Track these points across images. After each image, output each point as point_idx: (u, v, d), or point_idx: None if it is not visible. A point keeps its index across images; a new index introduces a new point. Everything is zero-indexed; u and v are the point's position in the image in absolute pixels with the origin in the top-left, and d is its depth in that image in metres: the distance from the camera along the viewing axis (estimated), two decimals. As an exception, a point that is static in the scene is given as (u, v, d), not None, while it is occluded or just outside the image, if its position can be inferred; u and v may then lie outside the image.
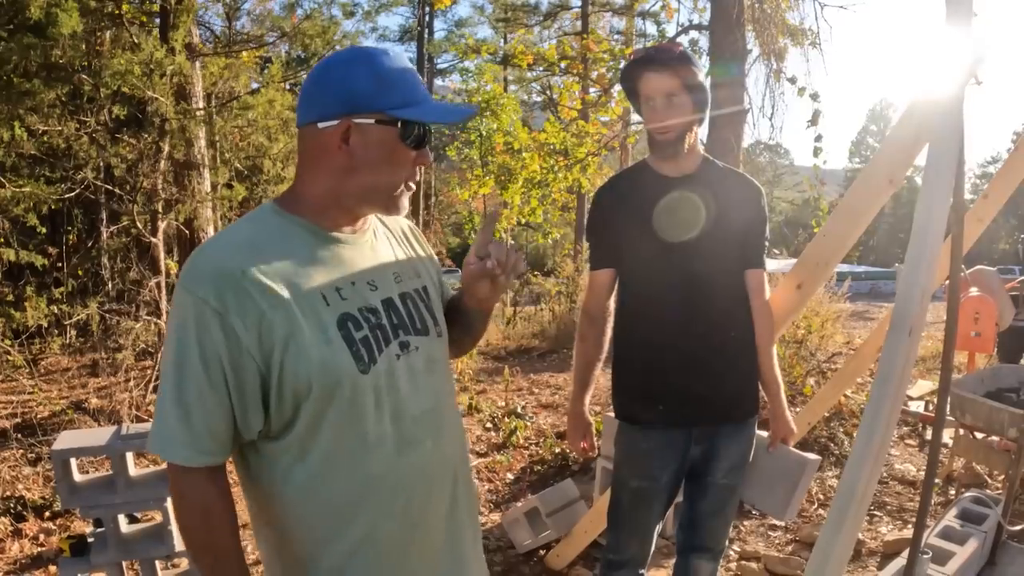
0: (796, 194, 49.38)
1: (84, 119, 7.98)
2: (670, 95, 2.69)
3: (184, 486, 1.54)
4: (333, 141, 1.57)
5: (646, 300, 2.87)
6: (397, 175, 1.64)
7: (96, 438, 3.74)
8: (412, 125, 1.60)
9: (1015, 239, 42.80)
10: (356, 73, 1.56)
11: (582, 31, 17.11)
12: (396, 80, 1.58)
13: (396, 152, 1.61)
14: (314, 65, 1.67)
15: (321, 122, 1.56)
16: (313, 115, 1.58)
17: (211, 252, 1.52)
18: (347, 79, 1.56)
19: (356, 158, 1.58)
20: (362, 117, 1.56)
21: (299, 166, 1.66)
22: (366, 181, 1.61)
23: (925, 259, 2.03)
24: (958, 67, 2.19)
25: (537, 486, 5.57)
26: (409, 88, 1.59)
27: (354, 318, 1.59)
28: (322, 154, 1.59)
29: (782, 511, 3.05)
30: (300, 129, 1.63)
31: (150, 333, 8.44)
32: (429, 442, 1.71)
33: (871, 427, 2.04)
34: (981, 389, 5.37)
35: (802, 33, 9.95)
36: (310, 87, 1.60)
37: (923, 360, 10.60)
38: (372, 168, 1.60)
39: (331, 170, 1.60)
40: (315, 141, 1.59)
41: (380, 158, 1.59)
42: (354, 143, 1.57)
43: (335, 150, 1.57)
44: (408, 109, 1.58)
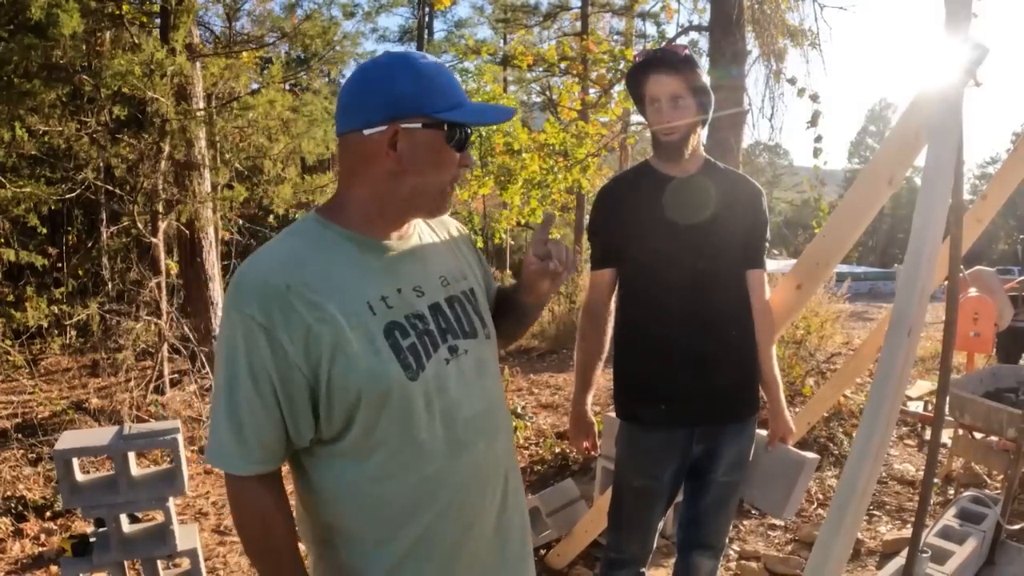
0: (795, 195, 49.42)
1: (84, 119, 7.98)
2: (676, 97, 2.72)
3: (240, 494, 1.59)
4: (380, 147, 1.57)
5: (647, 300, 2.88)
6: (443, 177, 1.65)
7: (98, 438, 3.75)
8: (456, 127, 1.61)
9: (1014, 240, 42.84)
10: (398, 78, 1.56)
11: (582, 32, 17.12)
12: (437, 83, 1.59)
13: (443, 154, 1.62)
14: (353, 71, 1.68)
15: (367, 128, 1.57)
16: (358, 122, 1.58)
17: (256, 268, 1.54)
18: (390, 84, 1.56)
19: (404, 162, 1.58)
20: (409, 121, 1.56)
21: (342, 175, 1.67)
22: (414, 184, 1.62)
23: (924, 259, 2.04)
24: (957, 68, 2.20)
25: (537, 486, 5.58)
26: (450, 90, 1.60)
27: (401, 326, 1.61)
28: (369, 160, 1.60)
29: (780, 509, 3.07)
30: (341, 137, 1.63)
31: (150, 333, 8.46)
32: (482, 444, 1.73)
33: (871, 426, 2.05)
34: (980, 389, 5.38)
35: (802, 34, 9.96)
36: (351, 95, 1.61)
37: (922, 360, 10.61)
38: (420, 171, 1.60)
39: (378, 176, 1.61)
40: (360, 148, 1.60)
41: (428, 161, 1.60)
42: (402, 148, 1.57)
43: (383, 156, 1.58)
44: (453, 112, 1.59)
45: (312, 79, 14.53)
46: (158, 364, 8.11)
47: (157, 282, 8.21)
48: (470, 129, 1.66)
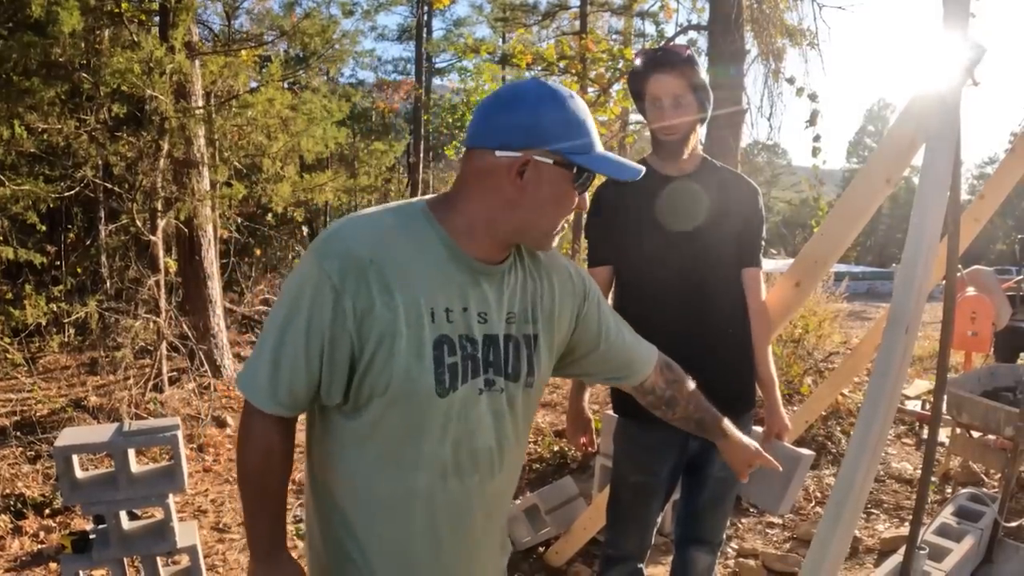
0: (794, 194, 49.45)
1: (84, 117, 7.98)
2: (678, 96, 2.73)
3: (252, 425, 1.65)
4: (508, 172, 1.57)
5: (644, 298, 2.89)
6: (559, 216, 1.66)
7: (98, 435, 3.75)
8: (584, 171, 1.61)
9: (1012, 240, 42.81)
10: (546, 111, 1.56)
11: (580, 31, 17.12)
12: (579, 126, 1.59)
13: (565, 194, 1.62)
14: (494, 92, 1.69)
15: (501, 150, 1.57)
16: (494, 142, 1.58)
17: (349, 231, 1.58)
18: (537, 114, 1.56)
19: (526, 193, 1.59)
20: (543, 155, 1.56)
21: (462, 184, 1.67)
22: (528, 217, 1.63)
23: (922, 257, 2.05)
24: (955, 68, 2.21)
25: (536, 484, 5.58)
26: (589, 136, 1.60)
27: (451, 342, 1.61)
28: (492, 181, 1.60)
29: (776, 504, 3.07)
30: (471, 150, 1.63)
31: (149, 331, 8.44)
32: (478, 477, 1.74)
33: (868, 421, 2.06)
34: (978, 388, 5.39)
35: (800, 33, 9.96)
36: (495, 112, 1.61)
37: (920, 360, 10.63)
38: (538, 206, 1.61)
39: (496, 198, 1.61)
40: (487, 166, 1.59)
41: (549, 198, 1.61)
42: (528, 178, 1.57)
43: (507, 181, 1.58)
44: (586, 157, 1.59)
45: (311, 77, 14.53)
46: (157, 362, 8.11)
47: (156, 280, 8.20)
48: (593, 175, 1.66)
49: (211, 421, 7.54)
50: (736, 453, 2.16)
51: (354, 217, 1.62)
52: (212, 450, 6.94)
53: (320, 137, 10.21)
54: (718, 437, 2.16)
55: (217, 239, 10.13)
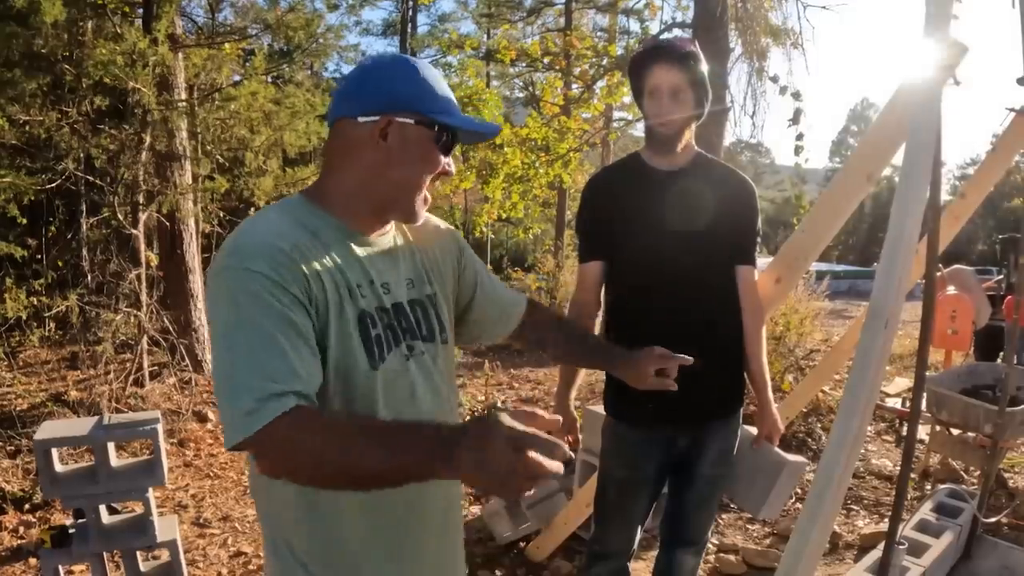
0: (776, 193, 49.62)
1: (66, 109, 7.91)
2: (676, 90, 2.71)
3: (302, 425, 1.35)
4: (371, 136, 1.61)
5: (636, 295, 2.88)
6: (424, 175, 1.68)
7: (78, 428, 3.74)
8: (445, 130, 1.65)
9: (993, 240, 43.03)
10: (400, 75, 1.63)
11: (565, 28, 17.13)
12: (435, 88, 1.65)
13: (429, 152, 1.66)
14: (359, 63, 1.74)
15: (362, 116, 1.60)
16: (354, 110, 1.62)
17: (257, 231, 1.54)
18: (392, 79, 1.63)
19: (392, 154, 1.62)
20: (403, 116, 1.61)
21: (328, 160, 1.70)
22: (397, 177, 1.65)
23: (901, 251, 2.06)
24: (937, 67, 2.22)
25: (518, 479, 5.58)
26: (447, 100, 1.67)
27: (371, 316, 1.62)
28: (357, 148, 1.63)
29: (758, 508, 3.06)
30: (335, 124, 1.67)
31: (130, 326, 8.40)
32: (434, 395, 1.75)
33: (848, 415, 2.07)
34: (958, 386, 5.43)
35: (784, 33, 9.99)
36: (350, 84, 1.66)
37: (900, 358, 10.69)
38: (405, 165, 1.64)
39: (364, 165, 1.63)
40: (351, 134, 1.63)
41: (414, 156, 1.64)
42: (391, 139, 1.61)
43: (372, 145, 1.61)
44: (445, 116, 1.64)
45: (295, 71, 14.46)
46: (138, 357, 8.06)
47: (137, 274, 8.16)
48: (455, 136, 1.70)
49: (192, 416, 7.52)
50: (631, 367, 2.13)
51: (248, 223, 1.58)
52: (193, 445, 6.93)
53: (303, 131, 10.17)
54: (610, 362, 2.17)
55: (199, 233, 10.08)
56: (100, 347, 7.88)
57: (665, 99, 2.72)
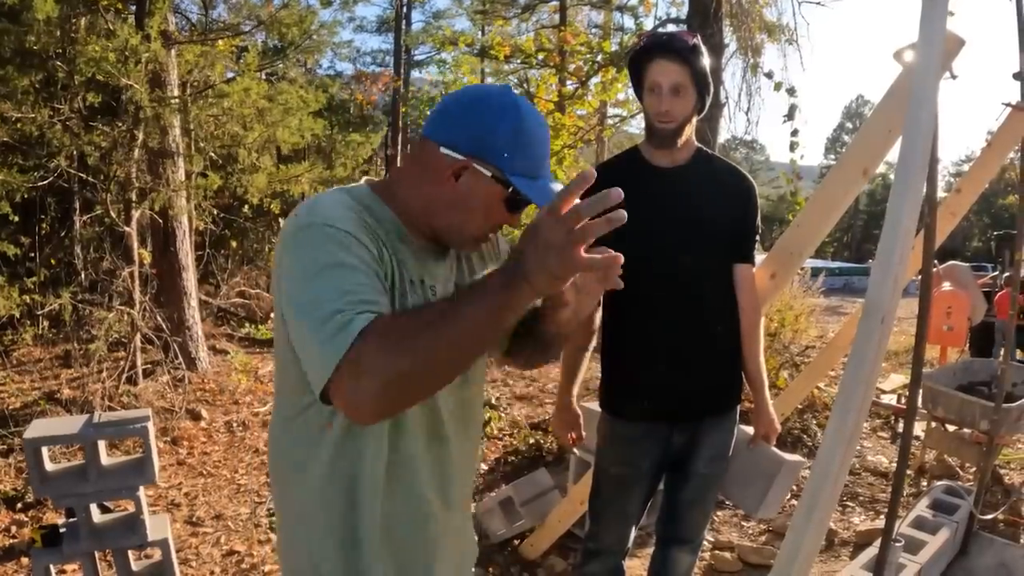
0: (771, 190, 49.61)
1: (58, 106, 7.87)
2: (678, 85, 2.67)
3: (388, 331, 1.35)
4: (446, 170, 1.57)
5: (634, 292, 2.85)
6: (484, 228, 1.66)
7: (68, 426, 3.71)
8: (520, 194, 1.58)
9: (989, 236, 43.18)
10: (500, 123, 1.55)
11: (560, 24, 17.09)
12: (530, 148, 1.58)
13: (494, 209, 1.62)
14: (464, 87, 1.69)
15: (445, 148, 1.57)
16: (442, 138, 1.58)
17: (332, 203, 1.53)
18: (489, 124, 1.55)
19: (457, 196, 1.59)
20: (483, 165, 1.56)
21: (405, 169, 1.68)
22: (456, 220, 1.63)
23: (897, 247, 2.04)
24: (933, 60, 2.20)
25: (511, 476, 5.58)
26: (537, 161, 1.60)
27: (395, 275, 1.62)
28: (431, 174, 1.60)
29: (754, 508, 3.05)
30: (423, 138, 1.63)
31: (123, 323, 8.37)
32: (455, 439, 1.77)
33: (844, 411, 2.05)
34: (953, 382, 5.43)
35: (779, 29, 9.97)
36: (456, 108, 1.61)
37: (895, 355, 10.69)
38: (467, 212, 1.61)
39: (432, 193, 1.61)
40: (430, 159, 1.60)
41: (479, 208, 1.61)
42: (463, 183, 1.57)
43: (443, 179, 1.58)
44: (526, 181, 1.57)
45: (288, 68, 14.43)
46: (131, 354, 8.03)
47: (130, 272, 8.12)
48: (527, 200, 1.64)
49: (185, 414, 7.49)
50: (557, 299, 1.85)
51: (316, 198, 1.57)
52: (186, 443, 6.90)
53: (296, 128, 10.13)
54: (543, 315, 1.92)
55: (192, 230, 10.06)
56: (93, 345, 7.85)
57: (666, 94, 2.69)
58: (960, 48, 2.58)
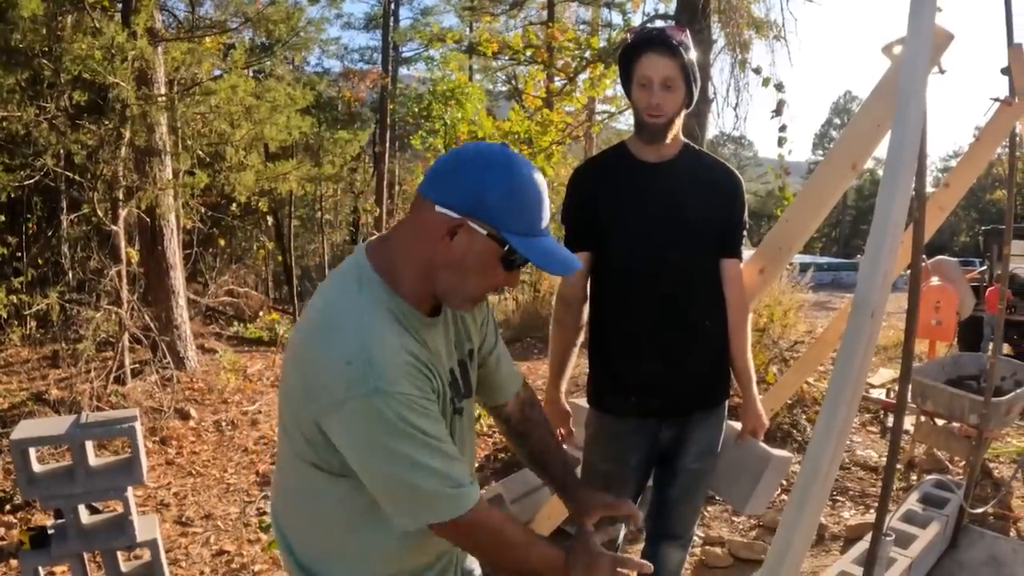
0: (760, 185, 49.71)
1: (44, 105, 7.84)
2: (668, 79, 2.65)
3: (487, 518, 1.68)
4: (441, 228, 1.58)
5: (621, 287, 2.85)
6: (482, 287, 1.68)
7: (55, 427, 3.69)
8: (516, 253, 1.60)
9: (976, 231, 43.46)
10: (495, 180, 1.56)
11: (548, 20, 17.10)
12: (525, 205, 1.59)
13: (491, 268, 1.63)
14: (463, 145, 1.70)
15: (440, 207, 1.57)
16: (438, 196, 1.59)
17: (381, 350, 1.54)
18: (483, 182, 1.55)
19: (453, 255, 1.60)
20: (478, 224, 1.56)
21: (402, 229, 1.70)
22: (454, 280, 1.64)
23: (887, 241, 2.03)
24: (921, 54, 2.20)
25: (501, 473, 5.57)
26: (533, 218, 1.60)
27: (442, 391, 1.70)
28: (428, 233, 1.61)
29: (742, 504, 3.04)
30: (421, 195, 1.64)
31: (111, 323, 8.34)
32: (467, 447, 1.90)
33: (834, 406, 2.05)
34: (942, 376, 5.45)
35: (767, 25, 9.98)
36: (448, 167, 1.62)
37: (884, 349, 10.72)
38: (463, 271, 1.63)
39: (429, 253, 1.62)
40: (427, 217, 1.60)
41: (475, 267, 1.62)
42: (458, 241, 1.58)
43: (439, 238, 1.59)
44: (522, 239, 1.58)
45: (276, 65, 14.39)
46: (119, 354, 8.01)
47: (118, 271, 8.09)
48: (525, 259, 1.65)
49: (174, 414, 7.47)
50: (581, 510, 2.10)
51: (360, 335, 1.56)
52: (175, 443, 6.87)
53: (284, 125, 10.10)
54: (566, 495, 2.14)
55: (180, 229, 10.04)
56: (81, 345, 7.83)
57: (656, 89, 2.67)
58: (949, 43, 2.58)
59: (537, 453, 2.14)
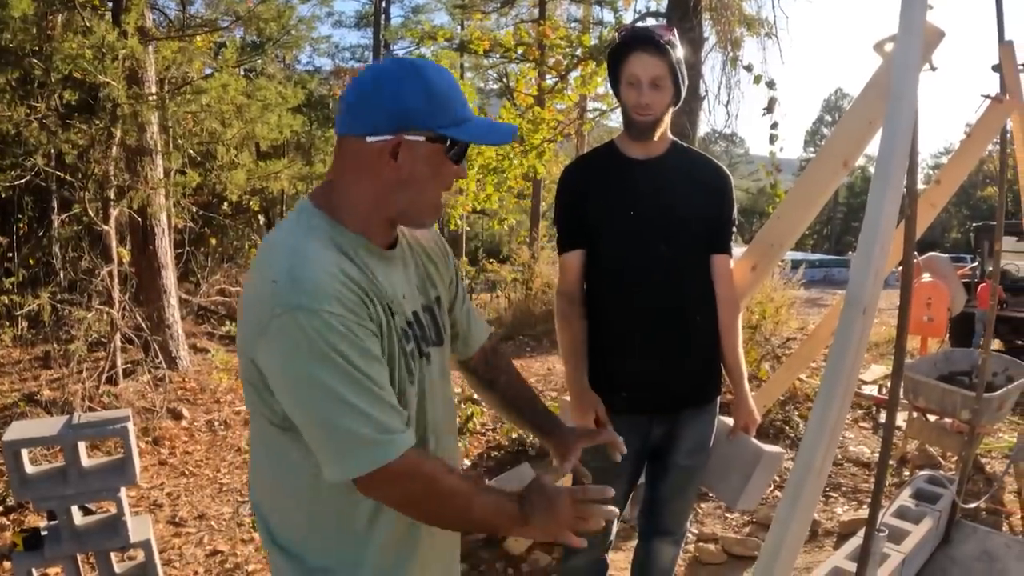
0: (751, 183, 49.77)
1: (34, 104, 7.81)
2: (656, 77, 2.66)
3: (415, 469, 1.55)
4: (382, 156, 1.57)
5: (611, 284, 2.85)
6: (438, 190, 1.67)
7: (47, 428, 3.68)
8: (458, 142, 1.62)
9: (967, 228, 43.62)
10: (408, 90, 1.55)
11: (539, 18, 17.08)
12: (446, 99, 1.59)
13: (442, 167, 1.63)
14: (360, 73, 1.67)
15: (371, 136, 1.56)
16: (362, 128, 1.57)
17: (310, 267, 1.48)
18: (400, 96, 1.55)
19: (403, 173, 1.59)
20: (413, 134, 1.56)
21: (339, 175, 1.65)
22: (410, 195, 1.63)
23: (879, 238, 2.04)
24: (913, 51, 2.20)
25: (494, 471, 5.57)
26: (456, 106, 1.60)
27: (405, 332, 1.65)
28: (368, 166, 1.59)
29: (733, 500, 3.04)
30: (342, 138, 1.62)
31: (102, 323, 8.32)
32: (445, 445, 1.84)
33: (826, 402, 2.05)
34: (934, 372, 5.46)
35: (758, 22, 9.99)
36: (358, 100, 1.59)
37: (876, 345, 10.75)
38: (417, 183, 1.61)
39: (376, 183, 1.60)
40: (361, 154, 1.58)
41: (426, 173, 1.61)
42: (403, 159, 1.57)
43: (383, 164, 1.57)
44: (458, 129, 1.59)
45: (267, 64, 14.36)
46: (111, 354, 7.98)
47: (109, 270, 8.07)
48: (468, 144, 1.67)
49: (166, 413, 7.45)
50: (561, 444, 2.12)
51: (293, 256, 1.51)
52: (168, 443, 6.86)
53: (275, 124, 10.07)
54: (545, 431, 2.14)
55: (171, 228, 10.01)
56: (72, 345, 7.80)
57: (645, 88, 2.68)
58: (940, 40, 2.59)
59: (509, 399, 2.13)
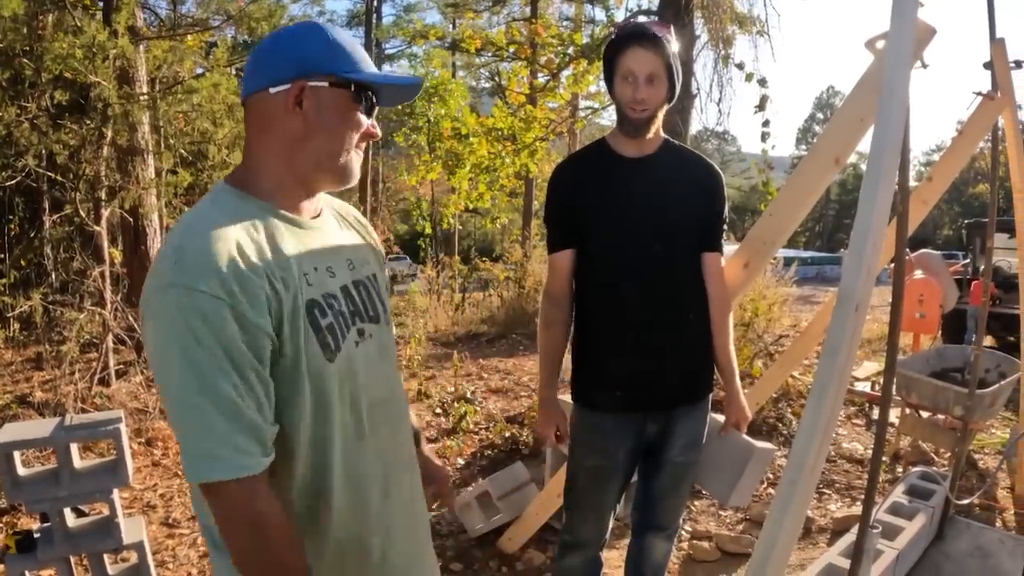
0: (743, 180, 49.87)
1: (25, 104, 7.78)
2: (652, 73, 2.67)
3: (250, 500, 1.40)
4: (286, 105, 1.54)
5: (604, 283, 2.85)
6: (350, 137, 1.61)
7: (39, 430, 3.66)
8: (364, 90, 1.59)
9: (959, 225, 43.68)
10: (309, 40, 1.56)
11: (531, 17, 17.08)
12: (347, 48, 1.58)
13: (349, 114, 1.59)
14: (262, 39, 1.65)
15: (273, 87, 1.54)
16: (264, 81, 1.55)
17: (196, 240, 1.40)
18: (300, 45, 1.55)
19: (310, 121, 1.55)
20: (316, 80, 1.54)
21: (248, 141, 1.61)
22: (320, 145, 1.58)
23: (871, 236, 2.04)
24: (904, 48, 2.20)
25: (488, 470, 5.57)
26: (359, 56, 1.60)
27: (319, 305, 1.55)
28: (273, 121, 1.55)
29: (725, 496, 3.05)
30: (248, 100, 1.58)
31: (95, 324, 8.29)
32: (386, 429, 1.71)
33: (819, 399, 2.05)
34: (927, 369, 5.47)
35: (750, 20, 10.01)
36: (259, 56, 1.58)
37: (868, 342, 10.77)
38: (326, 131, 1.57)
39: (284, 138, 1.56)
40: (265, 108, 1.56)
41: (334, 121, 1.57)
42: (307, 106, 1.54)
43: (288, 115, 1.54)
44: (360, 73, 1.58)
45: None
46: (103, 355, 7.96)
47: (101, 271, 8.05)
48: (376, 97, 1.65)
49: (159, 414, 7.43)
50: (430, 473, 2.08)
51: (183, 231, 1.46)
52: (161, 444, 6.84)
53: (267, 123, 10.04)
54: None
55: (163, 228, 9.96)
56: (65, 347, 7.77)
57: (641, 83, 2.68)
58: (931, 37, 2.59)
59: None
